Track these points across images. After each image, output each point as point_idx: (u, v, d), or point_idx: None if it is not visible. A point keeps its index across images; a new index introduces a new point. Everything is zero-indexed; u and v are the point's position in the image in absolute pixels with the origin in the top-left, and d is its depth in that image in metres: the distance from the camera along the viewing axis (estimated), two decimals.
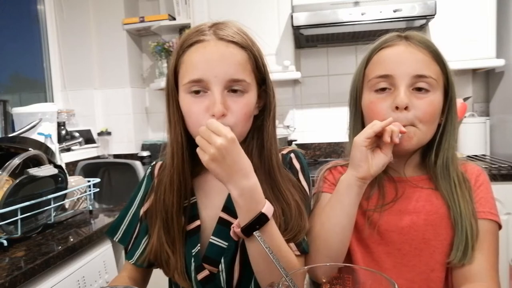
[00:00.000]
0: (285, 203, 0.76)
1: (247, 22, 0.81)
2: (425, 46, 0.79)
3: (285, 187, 0.77)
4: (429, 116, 0.77)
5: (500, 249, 1.96)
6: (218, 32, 0.74)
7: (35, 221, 1.22)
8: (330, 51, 2.55)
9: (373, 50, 0.84)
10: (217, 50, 0.73)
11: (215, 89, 0.72)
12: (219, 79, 0.72)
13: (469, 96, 2.39)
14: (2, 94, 2.24)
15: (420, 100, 0.76)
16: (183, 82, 0.74)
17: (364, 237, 0.83)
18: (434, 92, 0.77)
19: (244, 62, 0.74)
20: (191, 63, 0.73)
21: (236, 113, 0.73)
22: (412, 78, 0.76)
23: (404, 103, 0.75)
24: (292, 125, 2.59)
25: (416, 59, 0.77)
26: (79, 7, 2.49)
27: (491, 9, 2.06)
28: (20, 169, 1.16)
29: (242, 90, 0.74)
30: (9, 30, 2.30)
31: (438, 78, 0.78)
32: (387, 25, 2.09)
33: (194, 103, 0.73)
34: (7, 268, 0.94)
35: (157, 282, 0.94)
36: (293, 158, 0.85)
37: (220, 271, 0.77)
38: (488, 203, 0.82)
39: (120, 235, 0.90)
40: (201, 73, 0.72)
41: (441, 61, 0.80)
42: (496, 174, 1.83)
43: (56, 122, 1.66)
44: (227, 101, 0.72)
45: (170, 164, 0.78)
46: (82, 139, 2.26)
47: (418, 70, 0.76)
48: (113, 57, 2.54)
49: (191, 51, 0.74)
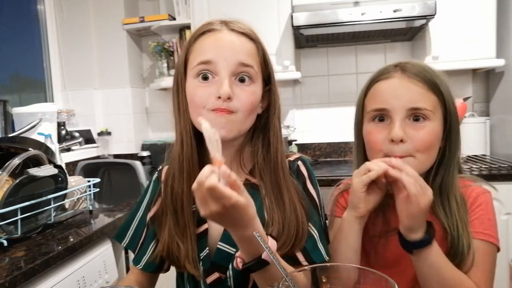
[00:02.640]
0: (285, 205, 0.75)
1: (247, 22, 0.81)
2: (420, 78, 0.79)
3: (287, 189, 0.77)
4: (426, 145, 0.77)
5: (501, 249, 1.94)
6: (229, 24, 0.77)
7: (35, 221, 1.22)
8: (330, 51, 2.55)
9: (371, 82, 0.85)
10: (228, 37, 0.75)
11: (223, 72, 0.72)
12: (227, 63, 0.72)
13: (469, 96, 2.39)
14: (2, 94, 2.24)
15: (417, 131, 0.77)
16: (192, 65, 0.75)
17: (371, 261, 0.85)
18: (432, 121, 0.78)
19: (254, 52, 0.76)
20: (202, 47, 0.75)
21: (242, 100, 0.73)
22: (408, 111, 0.77)
23: (399, 136, 0.76)
24: (292, 125, 2.59)
25: (411, 92, 0.78)
26: (79, 7, 2.49)
27: (491, 9, 2.05)
28: (20, 169, 1.16)
29: (249, 77, 0.75)
30: (9, 30, 2.30)
31: (434, 109, 0.79)
32: (387, 25, 2.09)
33: (200, 87, 0.74)
34: (7, 268, 0.94)
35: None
36: (301, 166, 0.84)
37: (228, 277, 0.76)
38: (482, 224, 0.81)
39: (127, 240, 0.88)
40: (211, 55, 0.73)
41: (438, 90, 0.79)
42: (496, 174, 1.83)
43: (56, 122, 1.66)
44: (234, 88, 0.73)
45: (180, 152, 0.78)
46: (82, 139, 2.26)
47: (413, 103, 0.77)
48: (113, 57, 2.54)
49: (202, 38, 0.76)
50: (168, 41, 2.52)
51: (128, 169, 2.15)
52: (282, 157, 0.79)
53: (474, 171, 1.87)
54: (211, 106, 0.72)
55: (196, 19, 2.29)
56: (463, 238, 0.78)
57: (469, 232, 0.79)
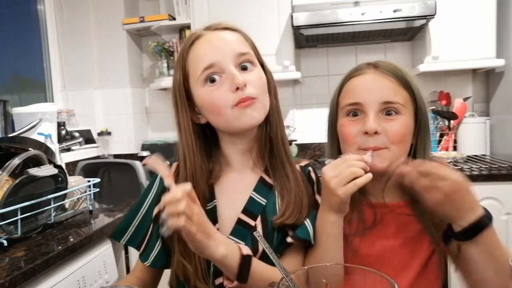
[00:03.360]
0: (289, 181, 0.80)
1: (247, 22, 0.82)
2: (392, 74, 0.81)
3: (289, 164, 0.82)
4: (399, 136, 0.79)
5: None
6: (211, 26, 0.82)
7: (35, 221, 1.22)
8: (330, 51, 2.55)
9: (344, 79, 0.87)
10: (216, 36, 0.79)
11: (229, 67, 0.76)
12: (228, 58, 0.76)
13: (469, 96, 2.39)
14: (2, 94, 2.24)
15: (390, 123, 0.79)
16: (197, 74, 0.77)
17: (347, 261, 0.82)
18: (404, 115, 0.80)
19: (243, 40, 0.82)
20: (198, 56, 0.78)
21: (255, 83, 0.77)
22: (381, 105, 0.80)
23: (373, 128, 0.78)
24: (292, 125, 2.59)
25: (383, 87, 0.81)
26: (79, 7, 2.49)
27: (491, 9, 2.06)
28: (20, 169, 1.16)
29: (250, 62, 0.79)
30: (9, 30, 2.30)
31: (406, 103, 0.81)
32: (387, 25, 2.09)
33: (214, 90, 0.77)
34: (7, 268, 0.94)
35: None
36: (311, 172, 0.88)
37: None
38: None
39: (127, 237, 0.88)
40: (210, 59, 0.76)
41: (409, 87, 0.82)
42: (496, 174, 1.83)
43: (56, 122, 1.66)
44: (243, 76, 0.76)
45: (183, 167, 0.81)
46: (82, 139, 2.26)
47: (386, 97, 0.80)
48: (113, 57, 2.54)
49: (193, 49, 0.79)
50: (168, 41, 2.52)
51: (128, 169, 2.15)
52: (283, 136, 0.84)
53: (474, 171, 1.87)
54: (233, 102, 0.76)
55: (196, 19, 2.29)
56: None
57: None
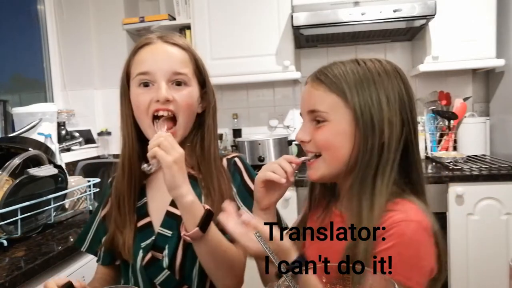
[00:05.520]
0: (212, 189, 0.86)
1: (247, 22, 0.83)
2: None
3: (217, 178, 0.87)
4: (325, 145, 0.74)
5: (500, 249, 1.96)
6: (164, 37, 0.87)
7: (35, 221, 1.22)
8: (330, 51, 2.55)
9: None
10: (162, 49, 0.86)
11: (160, 80, 0.83)
12: (163, 71, 0.83)
13: (469, 96, 2.39)
14: (2, 94, 2.24)
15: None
16: (133, 76, 0.85)
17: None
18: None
19: (186, 61, 0.87)
20: (140, 59, 0.85)
21: (179, 102, 0.84)
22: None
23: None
24: (292, 125, 2.59)
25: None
26: (79, 7, 2.49)
27: (491, 9, 2.05)
28: (20, 169, 1.17)
29: (184, 82, 0.85)
30: (9, 30, 2.30)
31: (332, 109, 0.74)
32: (387, 25, 2.09)
33: (142, 94, 0.84)
34: (7, 268, 0.94)
35: None
36: (238, 161, 0.94)
37: (164, 256, 0.85)
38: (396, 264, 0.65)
39: (87, 244, 0.96)
40: (148, 66, 0.84)
41: (342, 91, 0.74)
42: (496, 174, 1.83)
43: (56, 122, 1.66)
44: (171, 92, 0.83)
45: (122, 154, 0.88)
46: (82, 139, 2.26)
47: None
48: (113, 57, 2.54)
49: (140, 52, 0.86)
50: None
51: None
52: (215, 153, 0.90)
53: (474, 171, 1.87)
54: (153, 108, 0.83)
55: (196, 19, 2.29)
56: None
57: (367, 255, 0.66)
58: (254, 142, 2.22)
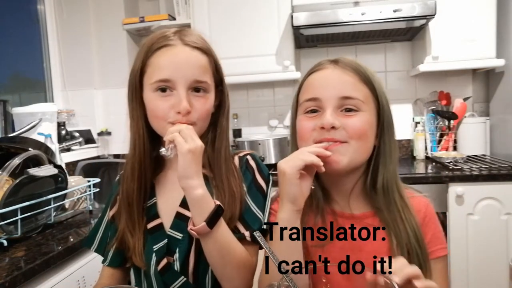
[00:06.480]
0: (222, 189, 0.83)
1: (247, 22, 0.82)
2: (353, 69, 0.78)
3: (227, 178, 0.84)
4: (359, 132, 0.75)
5: (500, 249, 1.96)
6: (184, 38, 0.82)
7: (35, 221, 1.22)
8: (330, 51, 2.55)
9: (305, 76, 0.84)
10: (183, 54, 0.81)
11: (181, 89, 0.79)
12: (184, 79, 0.79)
13: (469, 96, 2.39)
14: (2, 94, 2.24)
15: (349, 118, 0.75)
16: (151, 81, 0.80)
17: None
18: (364, 111, 0.76)
19: (207, 66, 0.83)
20: (159, 65, 0.80)
21: (199, 111, 0.81)
22: (339, 100, 0.75)
23: (330, 122, 0.74)
24: None
25: (342, 81, 0.77)
26: (79, 7, 2.49)
27: (491, 9, 2.06)
28: (20, 169, 1.17)
29: (204, 89, 0.82)
30: (9, 30, 2.30)
31: (366, 100, 0.76)
32: (387, 25, 2.09)
33: (160, 100, 0.80)
34: (7, 268, 0.94)
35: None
36: (250, 160, 0.91)
37: (175, 260, 0.82)
38: (438, 239, 0.79)
39: (96, 245, 0.94)
40: (168, 74, 0.79)
41: (370, 83, 0.77)
42: (496, 174, 1.83)
43: (56, 122, 1.66)
44: (191, 100, 0.80)
45: (132, 154, 0.85)
46: (82, 139, 2.26)
47: (344, 92, 0.76)
48: (113, 57, 2.54)
49: (159, 54, 0.81)
50: None
51: None
52: (226, 153, 0.87)
53: (474, 171, 1.87)
54: (172, 120, 0.79)
55: (196, 19, 2.29)
56: (420, 258, 0.73)
57: (426, 251, 0.75)
58: (254, 142, 2.22)
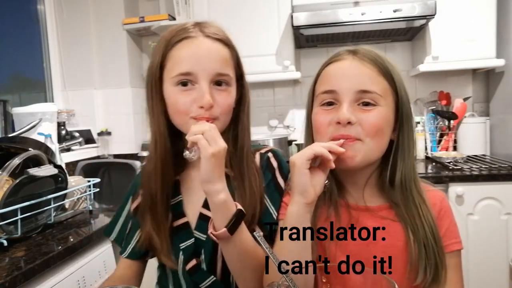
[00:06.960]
0: (243, 189, 0.81)
1: (247, 22, 0.82)
2: (371, 61, 0.74)
3: (248, 177, 0.82)
4: (375, 128, 0.72)
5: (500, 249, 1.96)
6: (204, 29, 0.80)
7: (35, 221, 1.22)
8: (330, 51, 2.53)
9: (322, 66, 0.80)
10: (204, 46, 0.78)
11: (203, 82, 0.77)
12: (206, 73, 0.77)
13: (469, 96, 2.39)
14: (2, 94, 2.24)
15: (365, 114, 0.72)
16: (171, 75, 0.78)
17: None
18: (381, 106, 0.73)
19: (228, 58, 0.81)
20: (180, 58, 0.78)
21: (222, 105, 0.79)
22: (356, 93, 0.72)
23: (346, 118, 0.70)
24: (292, 125, 2.59)
25: (360, 74, 0.73)
26: (79, 7, 2.49)
27: (491, 9, 2.06)
28: (20, 169, 1.17)
29: (226, 83, 0.80)
30: (9, 30, 2.30)
31: (385, 94, 0.73)
32: (387, 25, 2.09)
33: (182, 94, 0.78)
34: (7, 268, 0.94)
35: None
36: (271, 157, 0.89)
37: (202, 261, 0.82)
38: (453, 233, 0.77)
39: (116, 235, 0.94)
40: (190, 67, 0.76)
41: (389, 76, 0.74)
42: (496, 174, 1.83)
43: (56, 122, 1.66)
44: (213, 94, 0.77)
45: (153, 153, 0.83)
46: (82, 139, 2.26)
47: (362, 85, 0.72)
48: (113, 57, 2.54)
49: (179, 47, 0.78)
50: None
51: (128, 169, 2.16)
52: (248, 152, 0.85)
53: (474, 171, 1.87)
54: (194, 115, 0.77)
55: (196, 19, 2.29)
56: (436, 253, 0.72)
57: (441, 246, 0.74)
58: (254, 142, 2.22)
